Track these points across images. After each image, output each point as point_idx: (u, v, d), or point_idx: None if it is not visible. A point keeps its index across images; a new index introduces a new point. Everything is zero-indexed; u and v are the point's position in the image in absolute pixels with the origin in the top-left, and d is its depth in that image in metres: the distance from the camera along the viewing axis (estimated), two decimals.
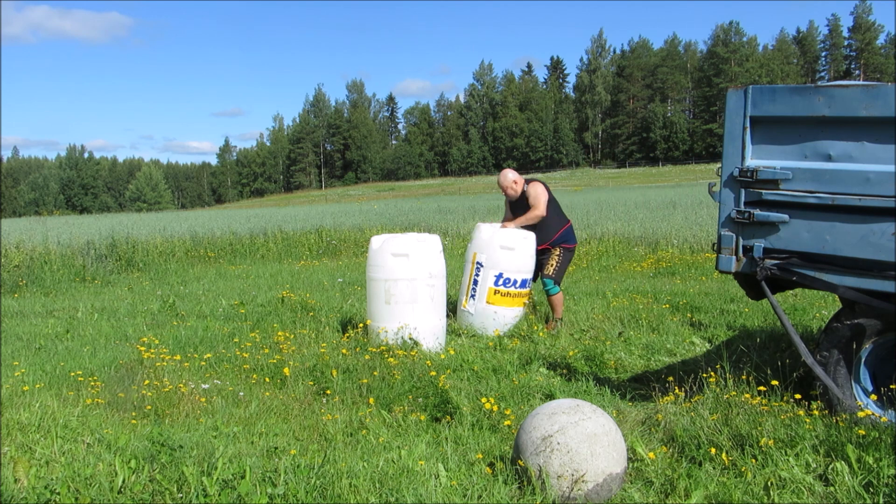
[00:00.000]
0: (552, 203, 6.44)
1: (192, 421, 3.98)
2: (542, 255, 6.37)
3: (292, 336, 5.77)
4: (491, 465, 3.18)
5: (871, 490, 2.78)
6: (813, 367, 3.48)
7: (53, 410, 3.85)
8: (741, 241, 3.67)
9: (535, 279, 6.42)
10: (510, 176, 6.47)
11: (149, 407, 4.16)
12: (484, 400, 4.03)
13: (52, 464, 3.10)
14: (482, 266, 6.13)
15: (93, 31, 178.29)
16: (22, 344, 6.20)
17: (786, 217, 3.50)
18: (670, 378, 4.26)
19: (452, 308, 6.52)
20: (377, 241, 5.69)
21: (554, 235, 6.37)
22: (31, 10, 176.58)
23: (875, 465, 2.85)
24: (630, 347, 5.55)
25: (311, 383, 4.62)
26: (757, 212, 3.56)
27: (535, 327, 6.06)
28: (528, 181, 6.47)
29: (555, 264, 6.29)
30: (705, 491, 2.87)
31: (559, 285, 6.30)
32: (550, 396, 4.37)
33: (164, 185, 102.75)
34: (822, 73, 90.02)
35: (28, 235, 13.30)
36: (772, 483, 2.88)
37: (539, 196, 6.33)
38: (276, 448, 3.30)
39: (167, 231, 15.70)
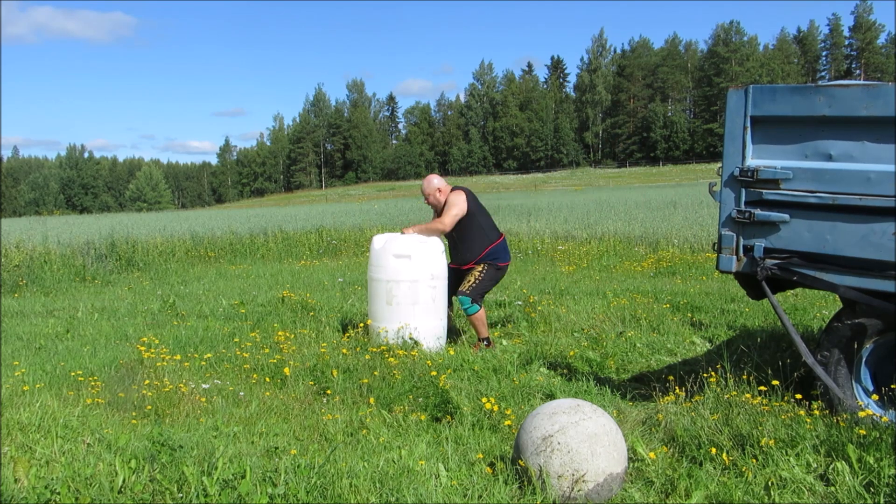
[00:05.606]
0: (479, 215, 5.64)
1: (192, 421, 3.98)
2: (464, 273, 5.67)
3: (292, 336, 5.76)
4: (491, 464, 3.17)
5: (872, 490, 2.78)
6: (814, 366, 3.48)
7: (53, 410, 3.84)
8: (742, 241, 3.66)
9: (450, 297, 5.73)
10: (434, 182, 5.76)
11: (149, 407, 4.16)
12: (484, 400, 4.03)
13: (52, 464, 3.10)
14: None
15: (97, 31, 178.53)
16: (22, 344, 6.20)
17: (786, 217, 3.50)
18: (671, 378, 4.26)
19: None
20: (379, 241, 5.67)
21: (480, 253, 5.59)
22: (34, 10, 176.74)
23: (876, 465, 2.84)
24: (630, 347, 5.55)
25: (312, 383, 4.61)
26: (757, 211, 3.56)
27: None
28: (453, 188, 5.71)
29: (473, 281, 5.53)
30: (706, 491, 2.87)
31: (478, 303, 5.53)
32: (551, 396, 4.36)
33: (164, 185, 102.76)
34: (823, 73, 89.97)
35: (28, 235, 13.30)
36: (772, 483, 2.87)
37: (452, 206, 5.53)
38: (276, 448, 3.29)
39: (167, 231, 15.69)
